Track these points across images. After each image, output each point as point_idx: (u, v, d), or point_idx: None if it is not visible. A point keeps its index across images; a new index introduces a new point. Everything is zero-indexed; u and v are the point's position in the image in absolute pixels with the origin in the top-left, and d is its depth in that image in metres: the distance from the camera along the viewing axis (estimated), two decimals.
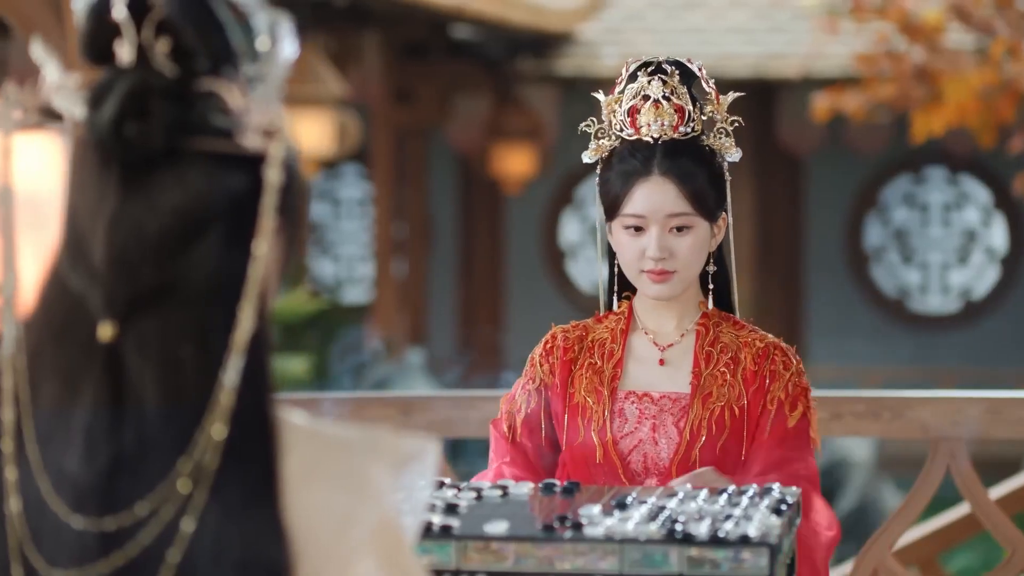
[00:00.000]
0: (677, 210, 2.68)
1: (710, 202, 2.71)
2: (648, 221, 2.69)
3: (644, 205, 2.69)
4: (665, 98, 2.71)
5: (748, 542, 1.91)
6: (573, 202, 15.26)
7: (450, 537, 1.95)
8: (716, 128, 2.75)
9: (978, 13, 9.47)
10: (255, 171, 1.39)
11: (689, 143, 2.72)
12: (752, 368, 2.70)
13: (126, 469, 1.34)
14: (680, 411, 2.68)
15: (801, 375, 2.73)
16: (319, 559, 1.36)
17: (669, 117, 2.71)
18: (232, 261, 1.37)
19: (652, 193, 2.69)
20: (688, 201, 2.69)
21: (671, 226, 2.69)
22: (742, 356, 2.72)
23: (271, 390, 1.39)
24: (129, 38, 1.39)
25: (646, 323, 2.78)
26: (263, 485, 1.35)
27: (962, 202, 15.03)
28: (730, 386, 2.68)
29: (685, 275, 2.71)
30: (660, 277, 2.69)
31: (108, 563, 1.34)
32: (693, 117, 2.72)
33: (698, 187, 2.70)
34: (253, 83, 1.41)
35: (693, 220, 2.69)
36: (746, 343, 2.73)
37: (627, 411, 2.69)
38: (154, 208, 1.36)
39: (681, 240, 2.69)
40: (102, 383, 1.35)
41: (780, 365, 2.71)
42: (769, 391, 2.69)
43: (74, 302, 1.37)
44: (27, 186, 1.44)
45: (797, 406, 2.70)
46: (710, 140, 2.74)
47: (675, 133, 2.71)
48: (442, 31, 13.32)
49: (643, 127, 2.72)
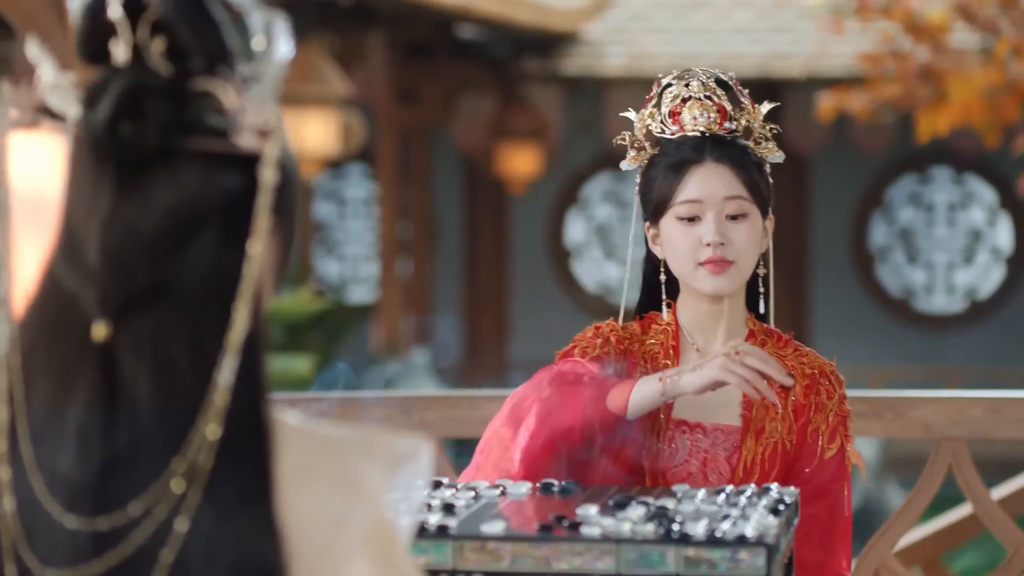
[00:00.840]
0: (734, 193, 2.62)
1: (764, 193, 2.66)
2: (704, 207, 2.62)
3: (700, 189, 2.62)
4: (706, 96, 2.67)
5: (745, 542, 1.91)
6: (578, 202, 15.26)
7: (446, 537, 1.95)
8: (755, 136, 2.69)
9: (983, 13, 9.47)
10: (250, 171, 1.39)
11: (735, 139, 2.67)
12: (802, 401, 2.63)
13: (120, 469, 1.34)
14: (732, 446, 2.60)
15: (843, 401, 2.67)
16: (313, 559, 1.36)
17: (713, 112, 2.66)
18: (227, 261, 1.37)
19: (707, 176, 2.63)
20: (744, 186, 2.63)
21: (727, 212, 2.62)
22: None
23: (266, 390, 1.39)
24: (124, 37, 1.39)
25: (695, 338, 2.69)
26: (257, 485, 1.35)
27: (967, 202, 15.02)
28: (782, 419, 2.62)
29: (742, 267, 2.63)
30: (718, 267, 2.60)
31: (102, 563, 1.34)
32: (734, 118, 2.68)
33: (751, 173, 2.65)
34: (249, 83, 1.41)
35: (749, 207, 2.63)
36: (795, 369, 2.65)
37: (678, 442, 2.60)
38: (149, 208, 1.36)
39: (738, 228, 2.61)
40: (96, 383, 1.35)
41: (824, 395, 2.65)
42: (812, 423, 2.63)
43: (68, 301, 1.37)
44: (30, 185, 1.44)
45: (835, 437, 2.64)
46: (751, 146, 2.68)
47: (720, 129, 2.66)
48: (447, 31, 13.32)
49: (688, 123, 2.66)
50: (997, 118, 9.54)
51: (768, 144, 2.70)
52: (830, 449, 2.63)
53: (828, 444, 2.64)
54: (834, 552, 2.65)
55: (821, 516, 2.63)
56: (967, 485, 3.66)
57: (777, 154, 2.70)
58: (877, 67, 9.97)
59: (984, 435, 3.64)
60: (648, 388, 2.45)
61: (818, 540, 2.62)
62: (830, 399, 2.65)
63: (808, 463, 2.63)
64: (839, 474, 2.64)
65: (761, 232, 2.66)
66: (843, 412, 2.67)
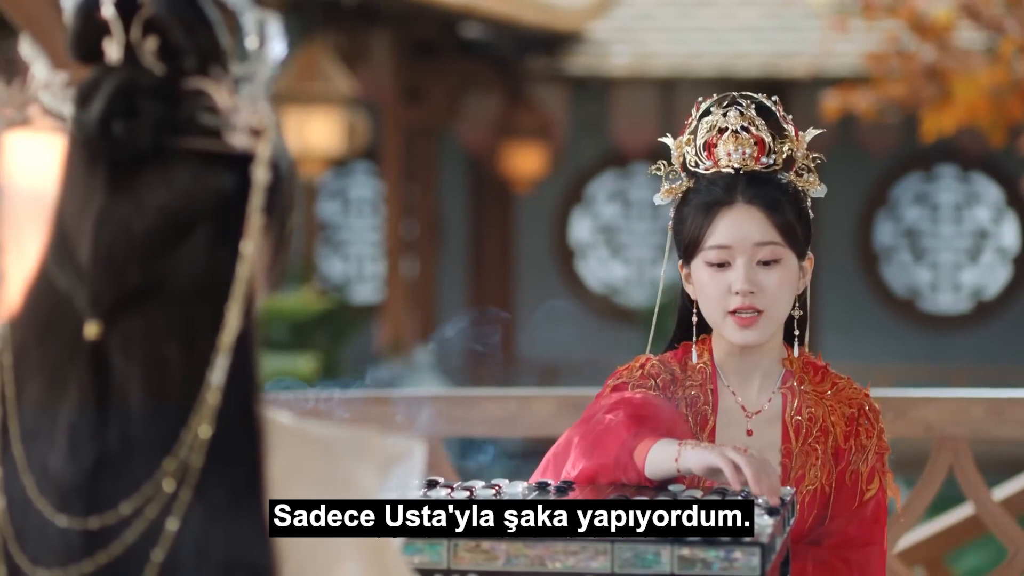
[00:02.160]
0: (766, 239, 2.50)
1: (799, 235, 2.54)
2: (734, 252, 2.51)
3: (729, 234, 2.50)
4: (744, 129, 2.54)
5: (740, 541, 1.91)
6: (583, 201, 15.26)
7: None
8: (797, 166, 2.58)
9: (988, 12, 9.46)
10: (243, 170, 1.39)
11: (771, 175, 2.54)
12: (843, 444, 2.55)
13: (111, 468, 1.34)
14: None
15: (881, 435, 2.59)
16: (303, 559, 1.36)
17: (750, 147, 2.53)
18: (219, 260, 1.37)
19: (738, 221, 2.50)
20: (776, 229, 2.51)
21: (759, 258, 2.51)
22: (831, 423, 2.56)
23: (258, 390, 1.39)
24: (117, 36, 1.39)
25: (730, 381, 2.59)
26: (248, 485, 1.35)
27: (973, 201, 15.01)
28: (821, 465, 2.53)
29: (773, 315, 2.53)
30: (747, 321, 2.51)
31: (92, 562, 1.34)
32: (774, 150, 2.54)
33: (786, 216, 2.52)
34: (241, 82, 1.41)
35: (782, 252, 2.52)
36: (833, 409, 2.57)
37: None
38: (141, 207, 1.36)
39: (770, 274, 2.51)
40: (87, 382, 1.35)
41: (864, 434, 2.56)
42: (851, 463, 2.55)
43: (60, 300, 1.37)
44: (30, 184, 1.44)
45: (874, 478, 2.56)
46: (791, 177, 2.57)
47: (756, 164, 2.53)
48: (452, 30, 13.32)
49: (722, 158, 2.54)
50: (1002, 117, 9.54)
51: (810, 176, 2.58)
52: (869, 491, 2.56)
53: (867, 486, 2.56)
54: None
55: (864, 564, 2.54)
56: (968, 485, 3.66)
57: (819, 188, 2.58)
58: (882, 66, 9.97)
59: (986, 435, 3.64)
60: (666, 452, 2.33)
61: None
62: (869, 439, 2.57)
63: (847, 506, 2.55)
64: (879, 514, 2.57)
65: (796, 275, 2.56)
66: (882, 449, 2.59)
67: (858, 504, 2.55)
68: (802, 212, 2.57)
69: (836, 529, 2.55)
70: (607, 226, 15.23)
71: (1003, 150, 11.24)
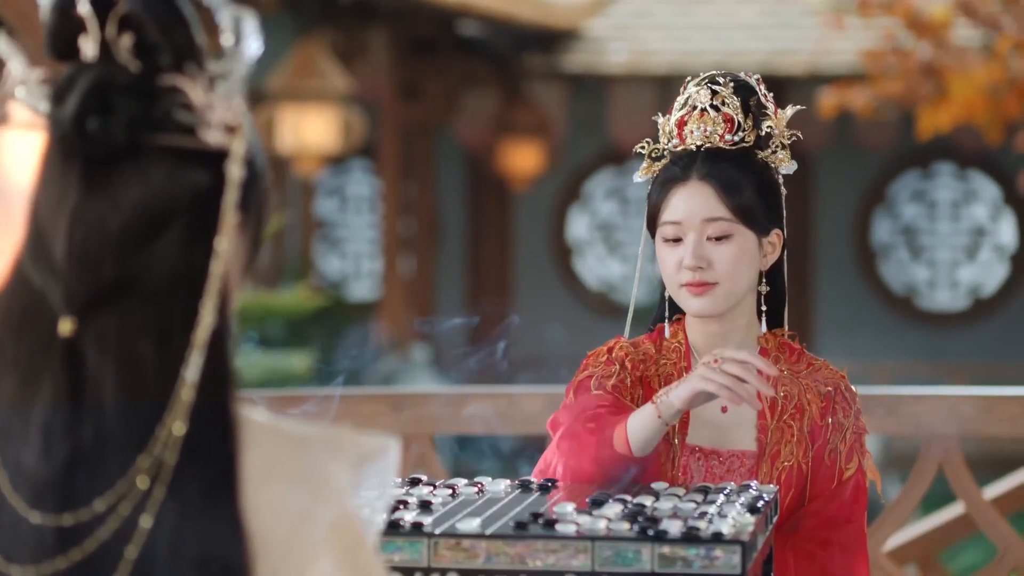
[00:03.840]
0: (715, 215, 2.54)
1: (756, 213, 2.57)
2: (685, 228, 2.55)
3: (680, 211, 2.55)
4: (713, 107, 2.58)
5: (720, 540, 1.90)
6: (581, 198, 15.25)
7: (421, 534, 1.94)
8: (773, 142, 2.62)
9: (985, 9, 9.45)
10: (218, 167, 1.39)
11: (736, 152, 2.58)
12: (819, 422, 2.57)
13: (84, 465, 1.34)
14: (747, 471, 2.54)
15: (858, 416, 2.62)
16: (277, 557, 1.36)
17: (715, 125, 2.57)
18: (194, 257, 1.37)
19: (690, 198, 2.55)
20: (728, 207, 2.55)
21: (709, 233, 2.55)
22: (806, 402, 2.58)
23: (232, 387, 1.39)
24: (93, 33, 1.39)
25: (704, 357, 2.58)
26: (222, 482, 1.35)
27: (971, 198, 15.00)
28: (797, 442, 2.55)
29: (728, 288, 2.55)
30: (699, 289, 2.54)
31: (66, 559, 1.34)
32: (744, 127, 2.58)
33: (741, 194, 2.56)
34: (217, 79, 1.41)
35: (733, 228, 2.55)
36: (809, 387, 2.59)
37: (692, 468, 2.54)
38: (116, 204, 1.36)
39: (720, 249, 2.54)
40: (61, 378, 1.35)
41: (841, 413, 2.59)
42: (830, 442, 2.57)
43: (35, 297, 1.37)
44: (7, 181, 1.44)
45: (852, 456, 2.58)
46: (765, 154, 2.60)
47: (721, 142, 2.57)
48: (449, 27, 13.31)
49: (687, 136, 2.59)
50: (999, 115, 9.53)
51: (782, 153, 2.62)
52: (848, 469, 2.57)
53: (846, 465, 2.58)
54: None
55: (847, 542, 2.57)
56: (957, 482, 3.66)
57: (789, 164, 2.62)
58: (879, 64, 9.96)
59: (976, 432, 3.64)
60: (644, 415, 2.39)
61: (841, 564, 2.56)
62: (847, 417, 2.59)
63: (826, 486, 2.56)
64: (859, 495, 2.59)
65: (754, 252, 2.58)
66: (859, 428, 2.61)
67: (837, 483, 2.57)
68: (766, 189, 2.60)
69: (816, 510, 2.56)
70: (605, 223, 15.22)
71: (1000, 148, 11.23)
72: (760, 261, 2.60)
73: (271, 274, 12.52)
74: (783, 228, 2.64)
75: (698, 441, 2.56)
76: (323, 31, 11.85)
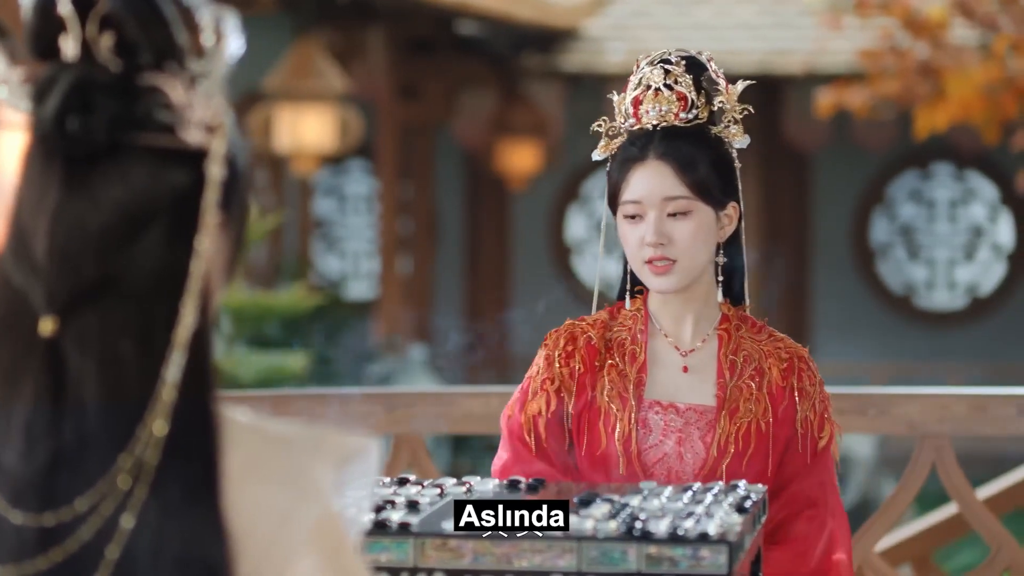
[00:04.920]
0: (674, 193, 2.61)
1: (713, 188, 2.63)
2: (645, 207, 2.63)
3: (640, 189, 2.63)
4: (667, 86, 2.65)
5: (707, 540, 1.90)
6: (579, 198, 15.26)
7: (407, 535, 1.94)
8: (725, 117, 2.67)
9: (982, 9, 9.46)
10: (198, 167, 1.39)
11: (691, 129, 2.64)
12: (780, 383, 2.63)
13: (66, 465, 1.34)
14: (707, 425, 2.60)
15: (823, 386, 2.67)
16: (259, 557, 1.35)
17: (669, 104, 2.64)
18: (175, 257, 1.37)
19: (648, 176, 2.62)
20: (686, 185, 2.61)
21: (669, 211, 2.62)
22: (767, 367, 2.64)
23: (213, 387, 1.39)
24: (74, 33, 1.39)
25: (663, 324, 2.69)
26: (204, 482, 1.35)
27: (969, 198, 15.01)
28: (756, 400, 2.61)
29: (687, 264, 2.62)
30: (660, 268, 2.62)
31: (47, 559, 1.34)
32: (697, 105, 2.64)
33: (697, 171, 2.62)
34: (198, 78, 1.41)
35: (692, 204, 2.62)
36: (769, 352, 2.65)
37: (651, 422, 2.60)
38: (96, 203, 1.36)
39: (679, 225, 2.61)
40: (42, 378, 1.35)
41: (807, 381, 2.64)
42: (799, 410, 2.63)
43: (16, 297, 1.37)
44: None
45: (824, 425, 2.64)
46: (718, 129, 2.66)
47: (676, 120, 2.64)
48: (448, 27, 13.31)
49: (643, 115, 2.66)
50: (996, 114, 9.53)
51: (735, 128, 2.68)
52: (822, 439, 2.63)
53: (819, 434, 2.64)
54: (848, 547, 2.66)
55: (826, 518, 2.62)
56: (950, 482, 3.66)
57: (742, 138, 2.68)
58: (876, 63, 9.96)
59: (968, 432, 3.64)
60: None
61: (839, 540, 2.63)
62: (812, 386, 2.65)
63: (804, 457, 2.62)
64: (830, 464, 2.65)
65: (712, 226, 2.64)
66: (825, 397, 2.67)
67: (813, 454, 2.63)
68: (721, 163, 2.66)
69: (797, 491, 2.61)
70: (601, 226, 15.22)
71: (998, 147, 11.24)
72: (718, 234, 2.66)
73: (269, 273, 12.52)
74: (739, 200, 2.70)
75: (656, 396, 2.63)
76: (321, 31, 11.85)
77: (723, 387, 2.63)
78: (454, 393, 3.66)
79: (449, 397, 3.64)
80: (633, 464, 2.57)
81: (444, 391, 3.75)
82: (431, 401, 3.63)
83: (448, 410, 3.57)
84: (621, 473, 2.58)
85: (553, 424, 2.63)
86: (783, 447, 2.62)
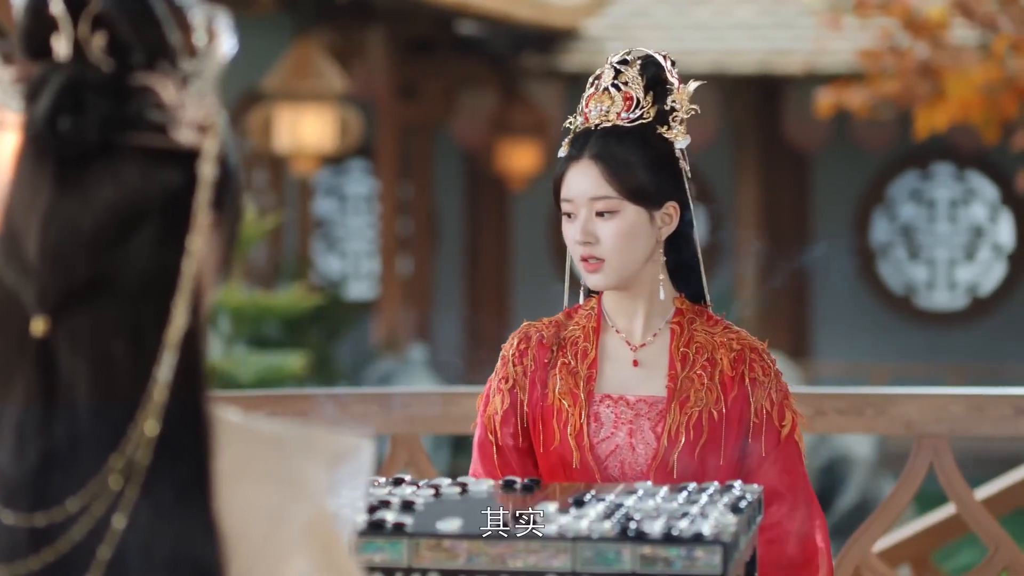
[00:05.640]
0: (599, 193, 2.63)
1: (646, 187, 2.64)
2: (576, 205, 2.66)
3: (571, 188, 2.66)
4: (615, 86, 2.67)
5: (701, 540, 1.90)
6: None
7: (402, 535, 1.94)
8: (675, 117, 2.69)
9: (981, 9, 9.45)
10: (190, 167, 1.39)
11: (633, 129, 2.65)
12: (729, 372, 2.65)
13: (57, 465, 1.34)
14: (657, 416, 2.62)
15: (779, 376, 2.69)
16: (251, 557, 1.35)
17: (612, 103, 2.66)
18: (166, 257, 1.37)
19: (579, 176, 2.65)
20: (612, 185, 2.63)
21: (596, 210, 2.64)
22: (718, 357, 2.66)
23: (205, 387, 1.38)
24: (66, 33, 1.39)
25: (615, 321, 2.72)
26: (196, 482, 1.35)
27: (969, 198, 15.01)
28: (707, 390, 2.63)
29: (616, 263, 2.65)
30: (592, 266, 2.66)
31: (38, 559, 1.34)
32: (643, 105, 2.66)
33: (627, 171, 2.63)
34: (190, 78, 1.41)
35: (618, 204, 2.63)
36: (722, 343, 2.67)
37: (603, 415, 2.64)
38: (88, 203, 1.36)
39: (606, 225, 2.63)
40: (34, 378, 1.35)
41: (759, 371, 2.66)
42: (753, 400, 2.64)
43: (8, 297, 1.37)
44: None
45: (785, 413, 2.65)
46: (663, 129, 2.67)
47: (618, 119, 2.65)
48: (447, 27, 13.31)
49: (589, 114, 2.68)
50: (996, 114, 9.52)
51: (679, 127, 2.69)
52: (784, 428, 2.65)
53: (781, 423, 2.65)
54: (825, 534, 2.66)
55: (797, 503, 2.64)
56: (948, 482, 3.66)
57: (683, 138, 2.68)
58: (876, 63, 9.95)
59: (966, 432, 3.64)
60: None
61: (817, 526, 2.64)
62: (766, 375, 2.66)
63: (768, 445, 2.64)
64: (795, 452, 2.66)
65: (643, 225, 2.65)
66: (783, 387, 2.68)
67: (776, 443, 2.65)
68: (660, 163, 2.66)
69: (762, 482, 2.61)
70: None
71: (998, 148, 11.23)
72: (655, 233, 2.67)
73: (268, 273, 12.52)
74: (685, 199, 2.70)
75: (607, 390, 2.67)
76: (320, 31, 11.85)
77: (674, 379, 2.65)
78: (454, 393, 3.66)
79: (449, 397, 3.63)
80: (586, 458, 2.61)
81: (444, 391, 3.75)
82: (430, 401, 3.63)
83: (448, 410, 3.57)
84: (576, 467, 2.61)
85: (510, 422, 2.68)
86: (738, 437, 2.64)
